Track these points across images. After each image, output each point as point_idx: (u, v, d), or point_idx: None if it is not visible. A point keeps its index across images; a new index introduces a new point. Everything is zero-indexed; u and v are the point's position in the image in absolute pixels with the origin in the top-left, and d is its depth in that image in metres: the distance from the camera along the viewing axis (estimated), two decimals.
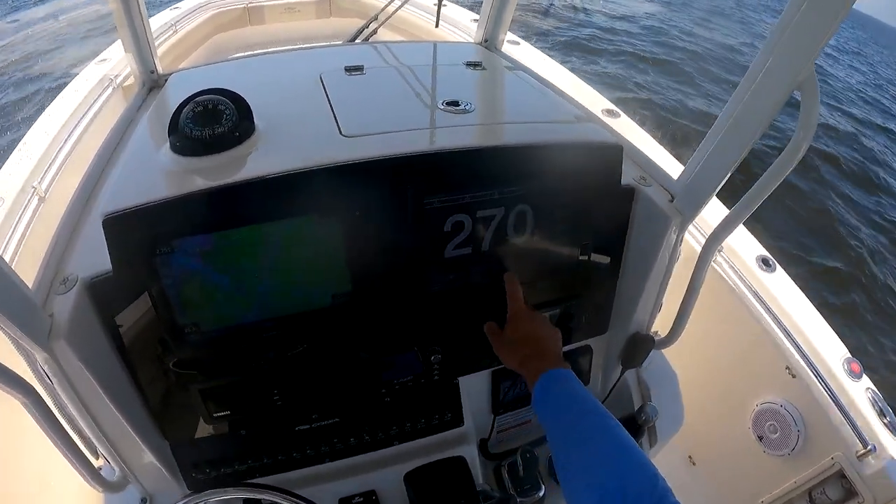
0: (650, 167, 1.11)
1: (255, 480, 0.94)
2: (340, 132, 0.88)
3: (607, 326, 1.15)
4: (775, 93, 0.82)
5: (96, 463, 0.93)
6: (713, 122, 0.95)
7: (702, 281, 1.05)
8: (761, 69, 0.82)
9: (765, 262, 1.70)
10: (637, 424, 1.12)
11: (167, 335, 0.81)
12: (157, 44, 2.70)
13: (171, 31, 2.82)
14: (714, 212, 1.72)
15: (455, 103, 0.99)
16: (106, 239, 0.72)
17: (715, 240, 1.00)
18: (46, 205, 1.66)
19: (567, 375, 0.82)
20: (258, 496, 0.87)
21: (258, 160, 0.83)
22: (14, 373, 0.69)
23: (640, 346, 1.14)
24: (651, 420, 1.11)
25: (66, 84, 2.35)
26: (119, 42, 2.58)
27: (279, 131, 0.90)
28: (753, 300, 1.63)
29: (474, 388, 1.11)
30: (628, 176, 1.03)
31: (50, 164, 1.81)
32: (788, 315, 1.59)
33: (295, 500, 0.83)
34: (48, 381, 0.75)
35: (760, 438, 1.65)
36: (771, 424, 1.62)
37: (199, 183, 0.77)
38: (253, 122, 0.89)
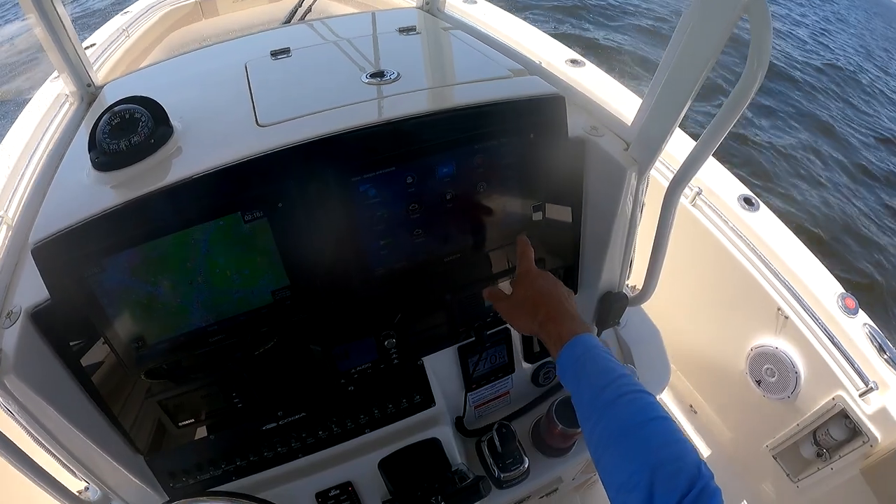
0: (603, 116, 1.05)
1: (217, 488, 0.95)
2: (257, 122, 0.84)
3: (576, 288, 1.11)
4: (720, 21, 0.75)
5: (80, 485, 0.93)
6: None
7: (669, 227, 0.99)
8: None
9: (747, 202, 1.64)
10: None
11: (115, 354, 0.80)
12: (110, 51, 2.64)
13: (124, 37, 2.75)
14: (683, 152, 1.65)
15: (380, 74, 0.94)
16: (37, 267, 0.71)
17: (679, 182, 0.94)
18: (14, 231, 1.64)
19: (594, 343, 0.74)
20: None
21: (175, 165, 0.80)
22: None
23: (613, 306, 1.09)
24: None
25: (23, 106, 2.31)
26: None
27: (196, 131, 0.87)
28: (738, 241, 1.58)
29: (443, 367, 1.08)
30: (578, 127, 0.97)
31: (14, 191, 1.78)
32: (776, 254, 1.54)
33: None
34: (8, 415, 0.75)
35: (759, 383, 1.62)
36: (768, 368, 1.58)
37: (117, 198, 0.75)
38: (170, 126, 0.86)
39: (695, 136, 1.63)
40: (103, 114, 0.84)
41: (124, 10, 3.09)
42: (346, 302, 0.90)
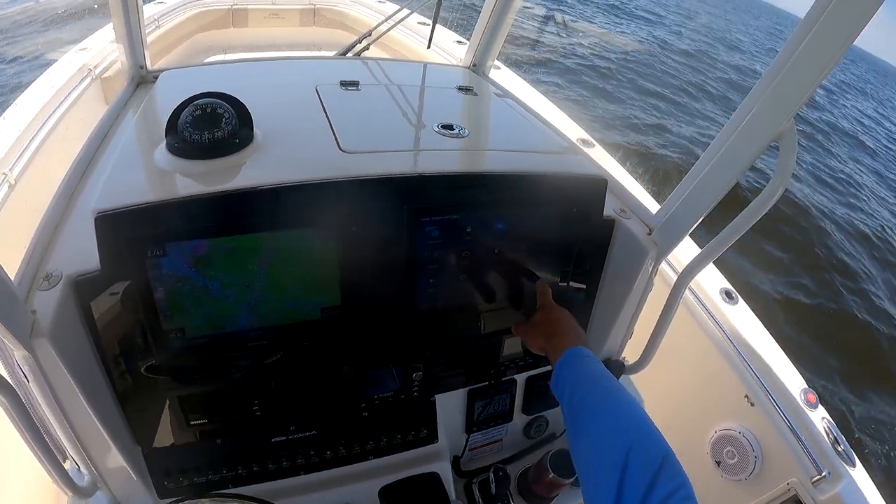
0: (629, 200, 1.16)
1: (227, 490, 0.94)
2: (339, 147, 0.90)
3: None
4: (755, 141, 0.87)
5: (65, 466, 0.90)
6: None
7: (674, 312, 1.10)
8: (744, 117, 0.88)
9: (728, 295, 1.79)
10: None
11: (150, 338, 0.80)
12: None
13: (154, 27, 2.78)
14: (682, 246, 1.80)
15: (450, 127, 1.02)
16: (97, 236, 0.70)
17: (688, 274, 1.05)
18: (16, 192, 1.61)
19: (589, 354, 0.86)
20: None
21: (257, 169, 0.83)
22: None
23: (611, 371, 1.18)
24: None
25: (44, 69, 2.28)
26: (100, 32, 2.54)
27: (277, 141, 0.91)
28: (716, 330, 1.70)
29: (450, 406, 1.13)
30: (609, 208, 1.08)
31: (22, 152, 1.76)
32: (749, 346, 1.67)
33: None
34: (23, 379, 0.72)
35: (718, 464, 1.72)
36: (729, 450, 1.68)
37: (197, 188, 0.77)
38: (252, 130, 0.89)
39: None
40: (188, 102, 0.85)
41: (158, 1, 3.12)
42: (387, 330, 0.94)
